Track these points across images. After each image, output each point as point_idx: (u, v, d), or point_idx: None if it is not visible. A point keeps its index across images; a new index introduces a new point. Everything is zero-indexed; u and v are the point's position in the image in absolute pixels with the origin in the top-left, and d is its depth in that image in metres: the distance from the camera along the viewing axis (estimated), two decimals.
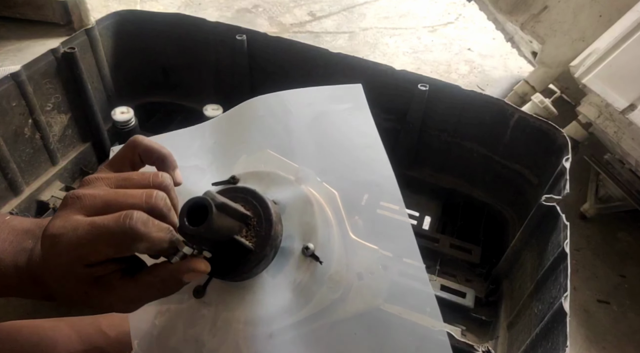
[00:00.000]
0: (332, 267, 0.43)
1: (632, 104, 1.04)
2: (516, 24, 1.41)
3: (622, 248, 1.27)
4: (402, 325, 0.41)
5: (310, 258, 0.43)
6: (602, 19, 1.30)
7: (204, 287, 0.44)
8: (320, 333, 0.41)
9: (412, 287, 0.43)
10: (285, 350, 0.41)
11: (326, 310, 0.41)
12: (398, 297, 0.42)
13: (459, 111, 0.99)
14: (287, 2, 2.24)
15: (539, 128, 0.91)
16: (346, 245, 0.44)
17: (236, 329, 0.41)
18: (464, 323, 0.91)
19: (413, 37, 2.09)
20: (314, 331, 0.41)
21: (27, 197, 0.95)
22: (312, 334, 0.41)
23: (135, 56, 1.11)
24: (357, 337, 0.40)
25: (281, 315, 0.42)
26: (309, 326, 0.41)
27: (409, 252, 0.44)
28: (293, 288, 0.42)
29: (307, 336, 0.41)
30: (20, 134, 0.91)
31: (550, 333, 0.63)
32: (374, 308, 0.41)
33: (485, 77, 1.89)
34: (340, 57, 1.01)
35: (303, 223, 0.44)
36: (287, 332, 0.41)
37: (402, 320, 0.41)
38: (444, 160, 1.08)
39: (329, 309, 0.41)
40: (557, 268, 0.69)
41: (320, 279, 0.42)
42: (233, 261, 0.41)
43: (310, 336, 0.41)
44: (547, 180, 0.86)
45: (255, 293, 0.42)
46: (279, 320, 0.41)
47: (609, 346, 1.05)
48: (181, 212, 0.37)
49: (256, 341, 0.41)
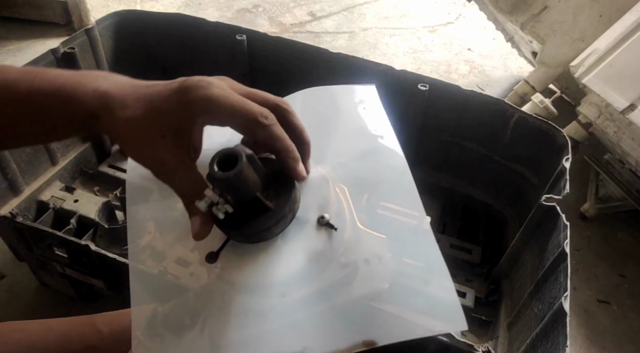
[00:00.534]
0: (344, 242, 0.43)
1: (632, 104, 1.04)
2: (516, 24, 1.41)
3: (622, 248, 1.27)
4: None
5: (325, 227, 0.43)
6: (602, 19, 1.30)
7: (218, 252, 0.44)
8: (327, 308, 0.41)
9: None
10: (297, 310, 0.41)
11: (334, 285, 0.42)
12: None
13: (459, 111, 0.99)
14: (287, 2, 2.24)
15: (539, 128, 0.91)
16: (354, 232, 0.44)
17: (246, 287, 0.42)
18: None
19: (413, 37, 2.09)
20: (321, 304, 0.41)
21: (27, 197, 0.95)
22: (320, 306, 0.41)
23: (135, 56, 1.11)
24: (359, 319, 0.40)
25: (295, 281, 0.42)
26: (319, 299, 0.42)
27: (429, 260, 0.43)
28: (308, 253, 0.43)
29: (316, 305, 0.41)
30: None
31: (550, 333, 0.63)
32: (380, 290, 0.41)
33: (485, 77, 1.89)
34: (340, 57, 1.01)
35: (318, 197, 0.45)
36: (300, 295, 0.42)
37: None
38: (444, 160, 1.08)
39: (337, 285, 0.42)
40: (557, 268, 0.69)
41: (334, 248, 0.43)
42: (251, 220, 0.41)
43: (319, 308, 0.41)
44: (547, 180, 0.86)
45: (269, 255, 0.43)
46: (292, 285, 0.42)
47: (609, 346, 1.05)
48: (211, 160, 0.39)
49: (269, 299, 0.41)
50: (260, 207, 0.41)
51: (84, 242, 0.76)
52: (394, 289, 0.42)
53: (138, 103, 0.40)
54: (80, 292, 0.97)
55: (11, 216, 0.81)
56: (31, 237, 0.84)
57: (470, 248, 1.00)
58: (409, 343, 0.40)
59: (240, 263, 0.43)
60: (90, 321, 0.55)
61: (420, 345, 0.66)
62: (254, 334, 0.40)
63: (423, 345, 0.66)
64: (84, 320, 0.55)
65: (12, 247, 0.94)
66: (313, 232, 0.43)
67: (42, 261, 0.91)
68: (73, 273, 0.89)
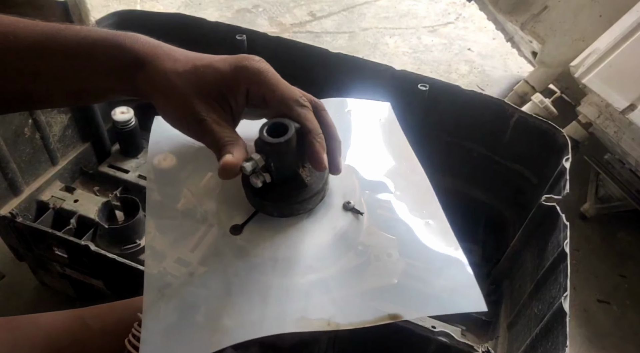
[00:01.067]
0: (363, 230, 0.45)
1: (632, 104, 1.04)
2: (516, 24, 1.41)
3: (622, 248, 1.27)
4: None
5: (350, 212, 0.45)
6: (602, 19, 1.30)
7: (244, 224, 0.44)
8: (353, 284, 0.42)
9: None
10: (324, 284, 0.42)
11: (354, 269, 0.43)
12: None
13: (459, 111, 0.99)
14: (287, 2, 2.24)
15: (539, 128, 0.91)
16: (369, 229, 0.46)
17: (271, 260, 0.42)
18: (464, 323, 0.91)
19: (413, 37, 2.09)
20: (348, 281, 0.42)
21: (27, 197, 0.95)
22: (347, 282, 0.42)
23: None
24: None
25: (321, 258, 0.43)
26: (344, 276, 0.43)
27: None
28: (334, 233, 0.44)
29: (343, 282, 0.42)
30: (20, 134, 0.91)
31: (550, 333, 0.63)
32: (389, 285, 0.42)
33: (485, 77, 1.89)
34: (340, 57, 1.01)
35: (344, 185, 0.47)
36: (327, 272, 0.43)
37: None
38: (444, 160, 1.08)
39: (357, 268, 0.43)
40: (557, 268, 0.69)
41: (357, 232, 0.45)
42: (286, 193, 0.43)
43: (345, 284, 0.42)
44: (547, 180, 0.86)
45: (297, 230, 0.44)
46: (318, 260, 0.43)
47: (609, 346, 1.05)
48: (261, 128, 0.41)
49: (295, 273, 0.42)
50: (296, 181, 0.43)
51: (83, 242, 0.76)
52: (413, 274, 0.43)
53: (188, 60, 0.41)
54: (80, 292, 0.97)
55: (11, 216, 0.81)
56: (31, 237, 0.84)
57: (470, 248, 1.00)
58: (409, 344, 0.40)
59: (267, 237, 0.44)
60: (79, 315, 0.54)
61: (420, 345, 0.66)
62: (280, 309, 0.40)
63: (423, 345, 0.66)
64: (73, 314, 0.54)
65: (12, 247, 0.94)
66: (339, 215, 0.45)
67: (42, 261, 0.91)
68: (73, 273, 0.89)
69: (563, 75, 1.44)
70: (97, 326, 0.52)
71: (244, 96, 0.42)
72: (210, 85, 0.40)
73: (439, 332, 0.63)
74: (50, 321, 0.53)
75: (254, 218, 0.45)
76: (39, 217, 0.96)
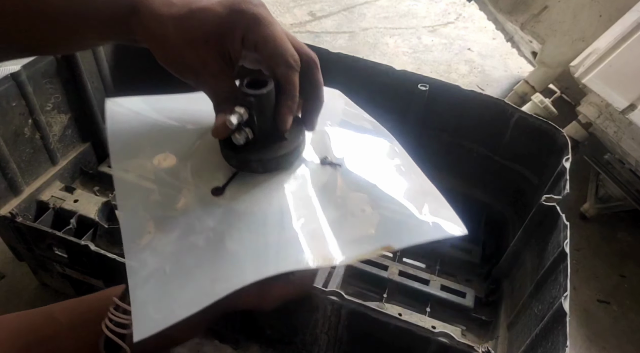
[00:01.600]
0: (338, 187, 0.47)
1: (632, 104, 1.04)
2: (516, 24, 1.41)
3: (622, 248, 1.27)
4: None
5: (328, 166, 0.47)
6: (602, 19, 1.30)
7: (225, 185, 0.45)
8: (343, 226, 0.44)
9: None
10: (314, 229, 0.43)
11: (335, 222, 0.44)
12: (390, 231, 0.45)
13: (459, 111, 0.99)
14: (287, 2, 2.24)
15: (539, 128, 0.91)
16: (343, 186, 0.48)
17: (253, 214, 0.43)
18: (464, 323, 0.91)
19: (413, 37, 2.09)
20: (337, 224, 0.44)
21: (27, 197, 0.95)
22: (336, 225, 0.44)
23: (135, 56, 1.11)
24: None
25: (306, 209, 0.44)
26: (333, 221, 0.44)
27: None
28: (315, 185, 0.46)
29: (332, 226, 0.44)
30: (20, 134, 0.91)
31: (550, 333, 0.63)
32: (368, 235, 0.44)
33: (485, 77, 1.89)
34: (340, 57, 1.01)
35: (320, 145, 0.49)
36: (315, 222, 0.44)
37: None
38: (444, 160, 1.08)
39: (337, 222, 0.44)
40: (557, 268, 0.69)
41: (335, 184, 0.47)
42: (268, 148, 0.44)
43: (336, 226, 0.44)
44: (547, 180, 0.86)
45: (279, 185, 0.45)
46: (304, 212, 0.44)
47: (609, 346, 1.05)
48: (240, 82, 0.41)
49: (284, 225, 0.43)
50: (275, 136, 0.44)
51: (83, 242, 0.76)
52: (391, 218, 0.45)
53: (184, 3, 0.39)
54: (80, 292, 0.96)
55: (11, 216, 0.81)
56: (31, 237, 0.84)
57: (470, 248, 1.00)
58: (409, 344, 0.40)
59: (252, 194, 0.44)
60: (48, 311, 0.52)
61: (420, 345, 0.66)
62: (276, 256, 0.41)
63: (423, 346, 0.66)
64: (41, 311, 0.52)
65: (12, 247, 0.94)
66: (318, 169, 0.47)
67: (42, 261, 0.91)
68: (73, 273, 0.89)
69: (563, 75, 1.44)
70: (66, 320, 0.50)
71: (240, 42, 0.40)
72: (206, 30, 0.39)
73: (438, 333, 0.63)
74: (16, 320, 0.51)
75: (234, 179, 0.45)
76: (39, 217, 0.96)
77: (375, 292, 0.94)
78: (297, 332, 0.78)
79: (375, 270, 0.93)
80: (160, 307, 0.38)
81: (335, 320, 0.71)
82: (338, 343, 0.76)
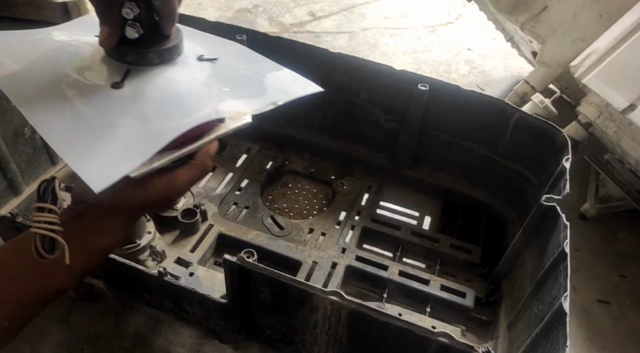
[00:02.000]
0: (222, 70, 0.55)
1: (632, 104, 1.04)
2: (516, 24, 1.41)
3: (622, 248, 1.27)
4: None
5: (205, 61, 0.55)
6: (602, 19, 1.30)
7: (123, 78, 0.48)
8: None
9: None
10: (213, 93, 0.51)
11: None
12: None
13: (459, 111, 0.99)
14: (287, 2, 2.24)
15: (539, 128, 0.91)
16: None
17: (161, 96, 0.49)
18: (464, 323, 0.91)
19: (413, 37, 2.09)
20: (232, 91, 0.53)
21: (27, 197, 0.95)
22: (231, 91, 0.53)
23: None
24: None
25: (202, 95, 0.51)
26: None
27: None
28: (201, 76, 0.53)
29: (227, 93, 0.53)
30: (20, 134, 0.91)
31: (550, 333, 0.63)
32: (257, 95, 0.55)
33: (485, 77, 1.89)
34: (340, 57, 1.01)
35: (192, 51, 0.55)
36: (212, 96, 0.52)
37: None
38: (444, 160, 1.08)
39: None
40: (557, 268, 0.69)
41: (218, 69, 0.55)
42: (161, 41, 0.50)
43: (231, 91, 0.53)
44: (547, 180, 0.86)
45: (172, 76, 0.51)
46: (203, 89, 0.51)
47: (609, 346, 1.05)
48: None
49: (187, 105, 0.49)
50: (158, 32, 0.49)
51: None
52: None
53: None
54: (80, 292, 0.96)
55: (11, 216, 0.81)
56: None
57: (470, 248, 1.00)
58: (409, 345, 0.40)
59: (152, 84, 0.49)
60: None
61: (420, 346, 0.66)
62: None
63: (423, 346, 0.66)
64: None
65: None
66: (197, 64, 0.55)
67: None
68: None
69: (563, 75, 1.44)
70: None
71: None
72: None
73: (438, 333, 0.63)
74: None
75: (130, 74, 0.49)
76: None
77: (375, 292, 0.94)
78: (297, 332, 0.78)
79: (375, 270, 0.93)
80: (101, 164, 0.42)
81: (335, 320, 0.71)
82: (338, 344, 0.76)
